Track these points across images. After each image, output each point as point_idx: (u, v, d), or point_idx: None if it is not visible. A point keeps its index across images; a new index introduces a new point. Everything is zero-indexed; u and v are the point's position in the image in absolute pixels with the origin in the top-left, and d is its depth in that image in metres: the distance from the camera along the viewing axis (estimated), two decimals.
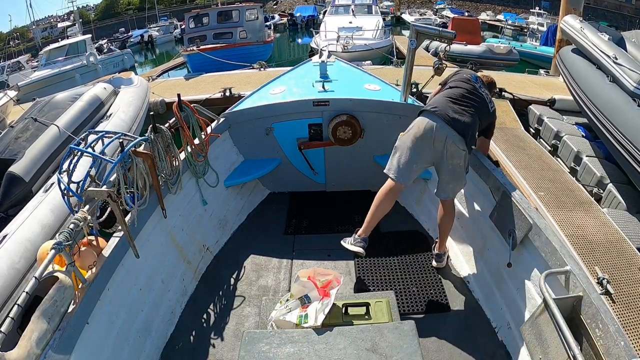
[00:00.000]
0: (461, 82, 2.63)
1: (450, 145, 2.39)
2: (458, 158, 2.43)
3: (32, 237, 3.15)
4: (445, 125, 2.39)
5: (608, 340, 1.49)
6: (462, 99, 2.50)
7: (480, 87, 2.63)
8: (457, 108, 2.45)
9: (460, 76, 2.70)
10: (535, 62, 13.48)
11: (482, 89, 2.63)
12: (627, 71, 4.09)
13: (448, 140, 2.38)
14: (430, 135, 2.40)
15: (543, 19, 22.63)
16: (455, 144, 2.38)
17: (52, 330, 1.48)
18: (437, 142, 2.40)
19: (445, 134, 2.38)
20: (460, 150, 2.40)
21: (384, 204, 2.56)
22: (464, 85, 2.59)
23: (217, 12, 14.32)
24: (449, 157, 2.42)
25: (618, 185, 4.05)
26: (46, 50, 14.90)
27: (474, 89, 2.58)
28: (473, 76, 2.68)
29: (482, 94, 2.59)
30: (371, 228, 2.61)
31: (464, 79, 2.65)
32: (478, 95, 2.56)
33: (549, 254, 1.94)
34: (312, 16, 33.13)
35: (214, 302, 2.59)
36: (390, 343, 1.64)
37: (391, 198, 2.57)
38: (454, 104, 2.47)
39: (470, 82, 2.61)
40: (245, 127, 3.54)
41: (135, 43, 30.01)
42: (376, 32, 13.27)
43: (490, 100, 2.64)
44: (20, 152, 4.39)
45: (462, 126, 2.39)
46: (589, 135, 5.34)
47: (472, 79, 2.64)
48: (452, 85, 2.64)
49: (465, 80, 2.63)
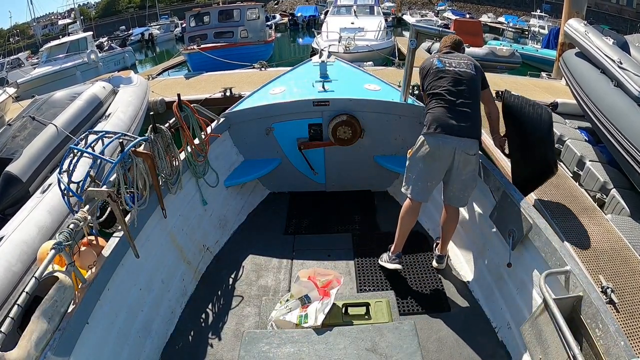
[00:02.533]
0: (436, 80, 2.49)
1: (459, 155, 2.38)
2: (470, 164, 2.43)
3: (29, 239, 3.12)
4: (452, 138, 2.36)
5: (608, 340, 1.49)
6: (451, 98, 2.41)
7: (450, 64, 2.50)
8: (454, 114, 2.38)
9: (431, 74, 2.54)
10: (536, 65, 13.45)
11: (451, 62, 2.51)
12: (632, 76, 4.07)
13: (457, 152, 2.38)
14: (436, 155, 2.41)
15: (544, 21, 22.58)
16: (465, 152, 2.37)
17: (52, 330, 1.48)
18: (445, 158, 2.41)
19: (452, 147, 2.37)
20: (471, 156, 2.40)
21: (408, 221, 2.66)
22: (443, 82, 2.46)
23: (218, 11, 14.32)
24: (462, 167, 2.43)
25: (621, 191, 4.02)
26: (47, 47, 14.88)
27: (448, 73, 2.46)
28: (438, 63, 2.53)
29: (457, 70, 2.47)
30: (401, 244, 2.73)
31: (436, 75, 2.50)
32: (457, 76, 2.45)
33: (549, 254, 1.94)
34: (313, 16, 33.15)
35: (214, 302, 2.59)
36: (390, 343, 1.64)
37: (413, 215, 2.66)
38: (449, 111, 2.40)
39: (442, 71, 2.49)
40: (245, 127, 3.54)
41: (136, 41, 29.99)
42: (378, 33, 13.26)
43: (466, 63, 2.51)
44: (17, 151, 4.36)
45: (469, 129, 2.37)
46: (591, 139, 5.32)
47: (439, 67, 2.51)
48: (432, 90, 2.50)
49: (437, 74, 2.49)
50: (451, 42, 2.72)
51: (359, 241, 3.13)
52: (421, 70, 2.65)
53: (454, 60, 2.54)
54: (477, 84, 2.51)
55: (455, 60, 2.54)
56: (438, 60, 2.56)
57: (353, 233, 3.23)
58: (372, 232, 3.26)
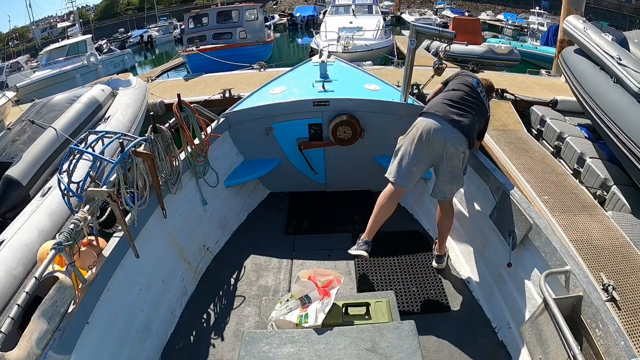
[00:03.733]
0: (463, 84, 2.65)
1: (449, 147, 2.39)
2: (457, 160, 2.43)
3: (29, 242, 3.11)
4: (448, 125, 2.39)
5: (608, 340, 1.48)
6: (462, 101, 2.52)
7: (481, 91, 2.67)
8: (457, 110, 2.46)
9: (463, 79, 2.72)
10: (536, 62, 13.46)
11: (483, 93, 2.67)
12: (632, 72, 4.08)
13: (447, 142, 2.39)
14: (429, 137, 2.41)
15: (543, 18, 22.61)
16: (455, 146, 2.39)
17: (52, 330, 1.48)
18: (436, 144, 2.41)
19: (444, 136, 2.38)
20: (460, 152, 2.41)
21: (386, 208, 2.56)
22: (465, 88, 2.61)
23: (217, 12, 14.28)
24: (448, 159, 2.43)
25: (622, 187, 4.03)
26: (46, 51, 14.86)
27: (475, 92, 2.62)
28: (475, 80, 2.71)
29: (482, 98, 2.63)
30: (374, 232, 2.60)
31: (466, 82, 2.67)
32: (478, 99, 2.59)
33: (549, 254, 1.94)
34: (312, 16, 33.11)
35: (214, 302, 2.59)
36: (390, 343, 1.64)
37: (392, 202, 2.57)
38: (454, 106, 2.48)
39: (472, 86, 2.65)
40: (245, 127, 3.54)
41: (135, 43, 30.01)
42: (377, 32, 13.24)
43: (488, 104, 2.69)
44: (17, 155, 4.35)
45: (464, 127, 2.40)
46: (591, 136, 5.32)
47: (474, 83, 2.68)
48: (454, 87, 2.65)
49: (467, 84, 2.65)
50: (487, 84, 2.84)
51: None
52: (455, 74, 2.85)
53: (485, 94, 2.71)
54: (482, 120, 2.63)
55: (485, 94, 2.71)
56: (477, 80, 2.72)
57: (353, 233, 3.22)
58: None
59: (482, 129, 2.70)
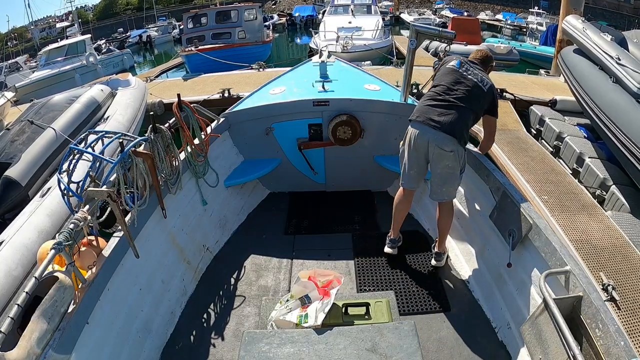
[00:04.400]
0: (444, 75, 2.55)
1: (433, 148, 2.44)
2: (446, 160, 2.45)
3: (29, 243, 3.11)
4: (427, 129, 2.44)
5: (608, 340, 1.49)
6: (442, 96, 2.47)
7: (467, 70, 2.51)
8: (437, 109, 2.45)
9: (444, 68, 2.60)
10: (535, 62, 13.48)
11: (469, 71, 2.51)
12: (631, 72, 4.09)
13: (431, 144, 2.44)
14: (414, 143, 2.52)
15: (542, 18, 22.63)
16: (439, 146, 2.42)
17: (52, 330, 1.48)
18: (421, 148, 2.50)
19: (426, 139, 2.45)
20: (446, 152, 2.42)
21: (400, 208, 2.83)
22: (447, 79, 2.51)
23: (216, 12, 14.26)
24: (437, 161, 2.48)
25: (621, 187, 4.04)
26: (45, 51, 14.83)
27: (460, 76, 2.49)
28: (457, 63, 2.56)
29: (470, 78, 2.48)
30: (397, 229, 2.90)
31: (447, 71, 2.56)
32: (465, 82, 2.46)
33: (549, 254, 1.94)
34: (311, 16, 33.07)
35: (214, 302, 2.59)
36: (390, 343, 1.64)
37: (404, 202, 2.81)
38: (435, 105, 2.47)
39: (455, 71, 2.52)
40: (245, 127, 3.54)
41: (134, 43, 29.89)
42: (376, 32, 13.24)
43: (482, 79, 2.49)
44: (16, 155, 4.35)
45: (445, 125, 2.40)
46: (590, 136, 5.34)
47: (456, 67, 2.54)
48: (436, 82, 2.59)
49: (449, 72, 2.54)
50: (480, 56, 2.69)
51: (358, 241, 3.13)
52: (439, 62, 2.78)
53: (473, 70, 2.53)
54: (481, 103, 2.49)
55: (475, 70, 2.53)
56: (459, 61, 2.58)
57: (353, 233, 3.22)
58: (372, 232, 3.26)
59: (489, 106, 2.53)
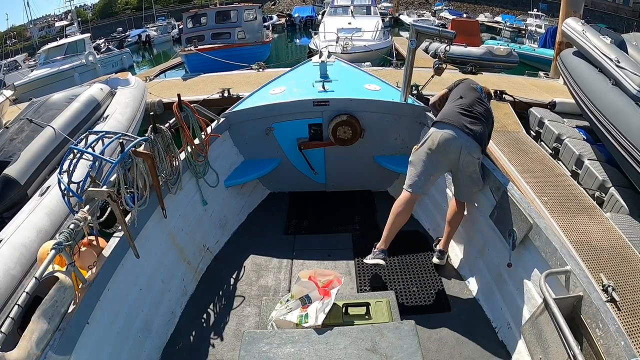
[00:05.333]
0: (469, 91, 2.72)
1: (464, 155, 2.45)
2: (473, 166, 2.49)
3: (27, 242, 3.10)
4: (463, 134, 2.43)
5: (608, 340, 1.49)
6: (472, 108, 2.57)
7: (484, 97, 2.74)
8: (469, 118, 2.51)
9: (468, 85, 2.79)
10: (534, 64, 13.49)
11: (485, 98, 2.75)
12: (630, 74, 4.10)
13: (463, 151, 2.44)
14: (445, 147, 2.45)
15: (541, 20, 22.65)
16: (470, 153, 2.44)
17: (52, 330, 1.47)
18: (453, 153, 2.46)
19: (460, 144, 2.43)
20: (475, 158, 2.46)
21: (401, 215, 2.58)
22: (474, 95, 2.67)
23: (216, 12, 14.26)
24: (465, 167, 2.49)
25: (620, 189, 4.05)
26: (45, 49, 14.79)
27: (481, 98, 2.68)
28: (479, 87, 2.79)
29: (486, 103, 2.71)
30: (390, 240, 2.61)
31: (471, 88, 2.74)
32: (485, 105, 2.67)
33: (549, 254, 1.94)
34: (310, 17, 33.08)
35: (214, 302, 2.59)
36: (390, 343, 1.64)
37: (408, 209, 2.59)
38: (466, 114, 2.53)
39: (477, 91, 2.72)
40: (246, 127, 3.53)
41: (133, 43, 29.86)
42: (375, 33, 13.25)
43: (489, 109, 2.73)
44: (15, 154, 4.34)
45: (477, 134, 2.45)
46: (590, 138, 5.34)
47: (478, 89, 2.75)
48: (462, 94, 2.69)
49: (472, 90, 2.72)
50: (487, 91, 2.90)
51: (359, 241, 3.13)
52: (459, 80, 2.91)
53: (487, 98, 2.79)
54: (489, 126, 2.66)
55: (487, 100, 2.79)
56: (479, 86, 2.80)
57: (353, 233, 3.22)
58: (372, 232, 3.25)
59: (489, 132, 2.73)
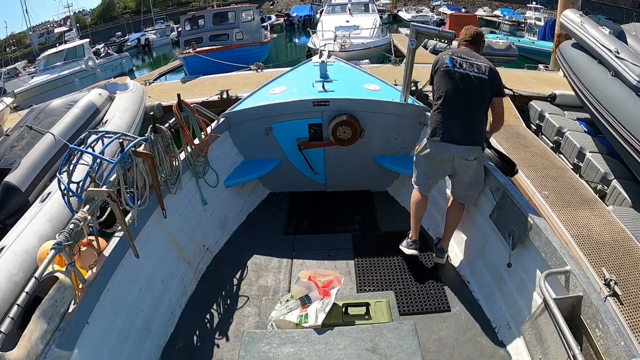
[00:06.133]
0: (442, 80, 2.44)
1: (458, 160, 2.46)
2: (471, 168, 2.48)
3: (29, 248, 3.11)
4: (451, 146, 2.42)
5: (608, 340, 1.48)
6: (453, 104, 2.40)
7: (460, 65, 2.39)
8: (454, 121, 2.40)
9: (439, 73, 2.46)
10: (533, 57, 13.47)
11: (464, 65, 2.38)
12: (630, 65, 4.08)
13: (456, 158, 2.45)
14: (437, 158, 2.54)
15: (540, 13, 22.59)
16: (464, 158, 2.43)
17: (52, 330, 1.48)
18: (446, 163, 2.54)
19: (451, 155, 2.45)
20: (470, 161, 2.44)
21: (418, 208, 2.77)
22: (449, 84, 2.40)
23: (213, 13, 14.28)
24: (462, 171, 2.51)
25: (622, 181, 4.01)
26: (44, 56, 14.85)
27: (458, 76, 2.37)
28: (448, 61, 2.42)
29: (467, 73, 2.35)
30: (417, 229, 2.78)
31: (443, 75, 2.43)
32: (465, 79, 2.35)
33: (549, 254, 1.94)
34: (309, 16, 33.05)
35: (214, 302, 2.59)
36: (390, 343, 1.64)
37: (421, 203, 2.76)
38: (451, 117, 2.41)
39: (450, 72, 2.39)
40: (245, 127, 3.53)
41: (132, 47, 29.88)
42: (374, 31, 13.25)
43: (480, 66, 2.36)
44: (15, 161, 4.37)
45: (468, 138, 2.39)
46: (591, 130, 5.32)
47: (449, 66, 2.40)
48: (438, 91, 2.48)
49: (446, 75, 2.41)
50: (469, 35, 2.52)
51: (359, 241, 3.12)
52: (433, 65, 2.56)
53: (466, 60, 2.40)
54: (487, 90, 2.38)
55: (469, 61, 2.40)
56: (450, 58, 2.43)
57: (353, 233, 3.22)
58: (372, 232, 3.26)
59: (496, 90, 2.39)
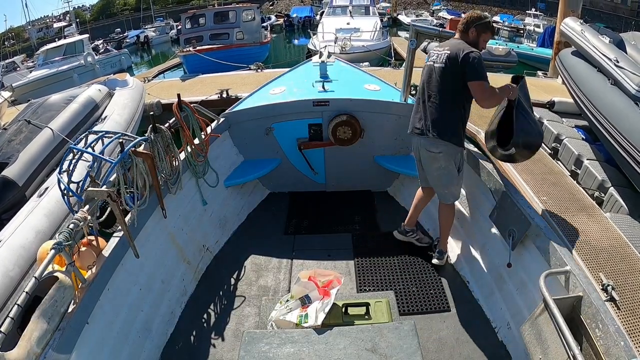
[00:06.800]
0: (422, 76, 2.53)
1: (423, 152, 2.56)
2: (436, 161, 2.52)
3: (26, 243, 3.08)
4: (415, 137, 2.58)
5: (608, 340, 1.49)
6: (420, 98, 2.54)
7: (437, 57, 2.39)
8: (419, 114, 2.54)
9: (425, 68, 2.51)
10: (532, 63, 13.51)
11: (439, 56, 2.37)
12: (629, 74, 4.10)
13: (421, 149, 2.57)
14: (414, 151, 2.72)
15: (539, 20, 22.71)
16: (426, 149, 2.52)
17: (52, 330, 1.47)
18: (416, 154, 2.68)
19: (416, 145, 2.60)
20: (434, 153, 2.49)
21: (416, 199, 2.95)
22: (423, 78, 2.52)
23: (214, 12, 14.24)
24: (427, 164, 2.59)
25: (619, 189, 4.02)
26: (43, 50, 14.78)
27: (431, 69, 2.42)
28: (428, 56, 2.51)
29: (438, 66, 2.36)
30: (411, 218, 2.99)
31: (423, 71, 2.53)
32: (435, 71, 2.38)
33: (549, 254, 1.95)
34: (309, 17, 33.10)
35: (214, 302, 2.58)
36: (390, 343, 1.64)
37: (420, 194, 2.93)
38: (416, 111, 2.58)
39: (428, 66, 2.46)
40: (245, 127, 3.53)
41: (131, 44, 29.76)
42: (374, 34, 13.25)
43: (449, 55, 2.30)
44: (13, 155, 4.32)
45: (427, 127, 2.46)
46: (589, 138, 5.34)
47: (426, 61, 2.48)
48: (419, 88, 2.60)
49: (424, 70, 2.51)
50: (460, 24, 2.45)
51: (358, 241, 3.13)
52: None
53: (437, 52, 2.43)
54: (449, 79, 2.34)
55: (437, 51, 2.42)
56: (431, 52, 2.50)
57: (353, 233, 3.22)
58: (372, 232, 3.27)
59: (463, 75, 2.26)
